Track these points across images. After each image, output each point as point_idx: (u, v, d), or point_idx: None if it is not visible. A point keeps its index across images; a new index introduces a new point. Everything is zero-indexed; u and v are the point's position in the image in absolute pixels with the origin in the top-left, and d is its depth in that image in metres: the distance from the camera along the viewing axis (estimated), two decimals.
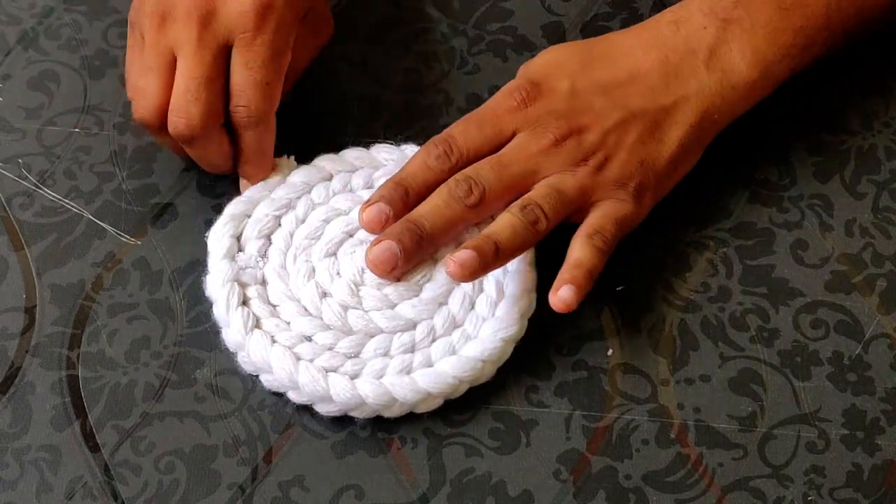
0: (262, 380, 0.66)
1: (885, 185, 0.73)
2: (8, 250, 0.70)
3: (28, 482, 0.63)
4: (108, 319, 0.68)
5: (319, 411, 0.65)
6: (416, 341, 0.66)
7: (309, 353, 0.65)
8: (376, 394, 0.64)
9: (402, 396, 0.64)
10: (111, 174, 0.73)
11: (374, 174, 0.71)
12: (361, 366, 0.65)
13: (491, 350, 0.65)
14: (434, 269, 0.67)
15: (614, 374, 0.67)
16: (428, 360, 0.65)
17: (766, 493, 0.63)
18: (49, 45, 0.78)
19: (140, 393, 0.66)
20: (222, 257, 0.68)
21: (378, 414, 0.65)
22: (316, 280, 0.67)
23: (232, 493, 0.63)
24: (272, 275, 0.68)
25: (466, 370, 0.65)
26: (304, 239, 0.68)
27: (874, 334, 0.68)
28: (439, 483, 0.64)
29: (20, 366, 0.67)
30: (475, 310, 0.67)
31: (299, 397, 0.65)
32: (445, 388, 0.64)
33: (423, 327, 0.66)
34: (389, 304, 0.66)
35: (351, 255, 0.68)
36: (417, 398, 0.64)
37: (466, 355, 0.65)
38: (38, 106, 0.76)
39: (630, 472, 0.64)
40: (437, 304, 0.67)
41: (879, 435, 0.65)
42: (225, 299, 0.66)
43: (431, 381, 0.64)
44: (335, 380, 0.64)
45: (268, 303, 0.67)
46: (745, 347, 0.68)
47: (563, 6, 0.81)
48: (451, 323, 0.66)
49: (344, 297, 0.66)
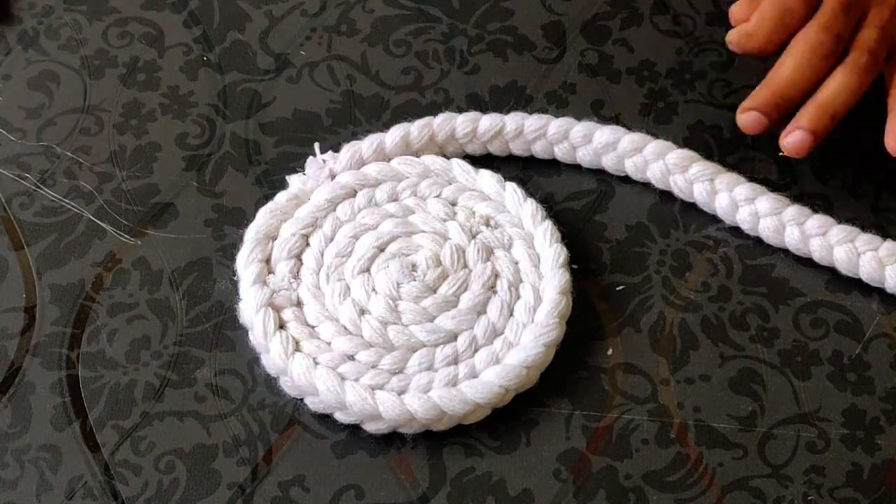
0: (308, 402, 0.65)
1: (884, 184, 0.73)
2: (8, 250, 0.70)
3: (28, 482, 0.63)
4: (108, 319, 0.68)
5: (367, 430, 0.64)
6: (458, 352, 0.65)
7: (353, 373, 0.64)
8: (425, 408, 0.63)
9: (450, 409, 0.63)
10: (111, 174, 0.73)
11: (397, 186, 0.71)
12: (407, 381, 0.64)
13: (534, 356, 0.64)
14: (469, 279, 0.67)
15: (614, 373, 0.67)
16: (472, 370, 0.65)
17: (765, 493, 0.63)
18: (49, 45, 0.78)
19: (140, 393, 0.66)
20: (253, 283, 0.67)
21: (427, 428, 0.64)
22: (352, 298, 0.67)
23: (232, 493, 0.63)
24: (307, 295, 0.67)
25: (512, 378, 0.64)
26: (334, 257, 0.68)
27: (874, 334, 0.68)
28: (439, 483, 0.64)
29: (20, 366, 0.67)
30: (514, 316, 0.66)
31: (347, 417, 0.64)
32: (493, 398, 0.64)
33: (464, 338, 0.66)
34: (429, 317, 0.66)
35: (385, 270, 0.67)
36: (466, 409, 0.64)
37: (510, 363, 0.64)
38: (38, 106, 0.76)
39: (630, 471, 0.64)
40: (475, 313, 0.66)
41: (879, 434, 0.65)
42: (262, 325, 0.65)
43: (478, 392, 0.63)
44: (383, 397, 0.63)
45: (305, 324, 0.66)
46: (745, 347, 0.68)
47: (564, 5, 0.81)
48: (492, 331, 0.66)
49: (382, 313, 0.66)
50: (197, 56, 0.78)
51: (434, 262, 0.67)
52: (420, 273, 0.67)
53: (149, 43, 0.78)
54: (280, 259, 0.68)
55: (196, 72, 0.77)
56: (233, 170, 0.73)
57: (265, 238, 0.68)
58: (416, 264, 0.68)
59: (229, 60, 0.77)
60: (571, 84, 0.77)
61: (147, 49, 0.78)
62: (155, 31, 0.79)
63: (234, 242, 0.70)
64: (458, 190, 0.70)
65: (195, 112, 0.76)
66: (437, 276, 0.67)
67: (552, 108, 0.76)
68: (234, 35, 0.79)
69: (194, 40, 0.78)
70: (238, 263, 0.68)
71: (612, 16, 0.80)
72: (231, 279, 0.69)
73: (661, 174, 0.71)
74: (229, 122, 0.75)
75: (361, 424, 0.64)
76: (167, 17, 0.79)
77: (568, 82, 0.77)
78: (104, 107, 0.76)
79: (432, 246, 0.68)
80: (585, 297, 0.68)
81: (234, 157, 0.74)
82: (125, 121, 0.75)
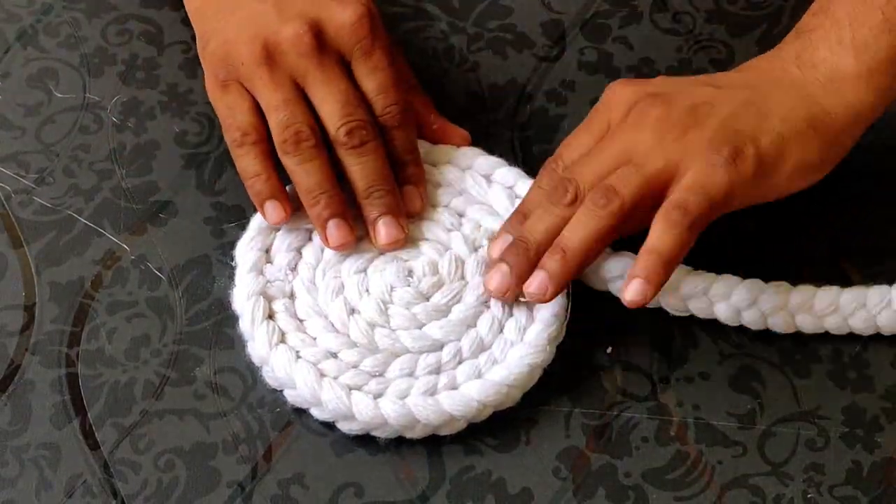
0: (286, 395, 0.65)
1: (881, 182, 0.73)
2: (7, 248, 0.70)
3: (28, 480, 0.63)
4: (107, 317, 0.68)
5: (341, 429, 0.64)
6: (442, 363, 0.65)
7: (333, 370, 0.64)
8: (398, 414, 0.63)
9: (424, 418, 0.63)
10: (110, 172, 0.73)
11: None
12: (385, 385, 0.64)
13: (517, 375, 0.64)
14: (464, 290, 0.67)
15: (614, 371, 0.67)
16: (453, 382, 0.65)
17: (765, 491, 0.63)
18: (48, 43, 0.78)
19: (140, 391, 0.66)
20: (249, 270, 0.67)
21: (400, 434, 0.64)
22: (345, 296, 0.67)
23: (231, 491, 0.63)
24: (301, 289, 0.67)
25: (490, 395, 0.64)
26: (334, 254, 0.68)
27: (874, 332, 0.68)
28: (439, 481, 0.64)
29: (20, 364, 0.67)
30: (503, 333, 0.66)
31: (322, 414, 0.64)
32: (468, 412, 0.64)
33: (449, 349, 0.65)
34: (417, 324, 0.66)
35: (381, 272, 0.67)
36: (440, 420, 0.64)
37: (492, 380, 0.64)
38: (37, 103, 0.76)
39: (630, 469, 0.64)
40: (465, 325, 0.66)
41: (879, 432, 0.65)
42: (250, 313, 0.65)
43: (455, 404, 0.63)
44: (358, 398, 0.63)
45: (295, 317, 0.66)
46: (745, 345, 0.68)
47: (563, 4, 0.81)
48: (479, 346, 0.66)
49: (372, 315, 0.66)
50: (196, 54, 0.78)
51: (431, 270, 0.67)
52: (416, 279, 0.67)
53: (148, 40, 0.78)
54: (280, 250, 0.68)
55: (195, 69, 0.77)
56: (232, 168, 0.73)
57: (269, 228, 0.69)
58: (413, 270, 0.67)
59: None
60: (571, 82, 0.77)
61: (146, 47, 0.78)
62: (154, 28, 0.79)
63: (234, 240, 0.69)
64: (468, 202, 0.70)
65: (194, 110, 0.76)
66: (432, 284, 0.67)
67: (552, 105, 0.76)
68: None
69: (193, 38, 0.78)
70: (238, 249, 0.68)
71: (612, 14, 0.80)
72: (230, 277, 0.68)
73: None
74: None
75: (335, 423, 0.64)
76: (166, 15, 0.79)
77: (567, 80, 0.77)
78: (103, 104, 0.76)
79: (432, 254, 0.68)
80: (585, 296, 0.68)
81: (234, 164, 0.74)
82: (124, 118, 0.75)
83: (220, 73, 0.68)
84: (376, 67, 0.68)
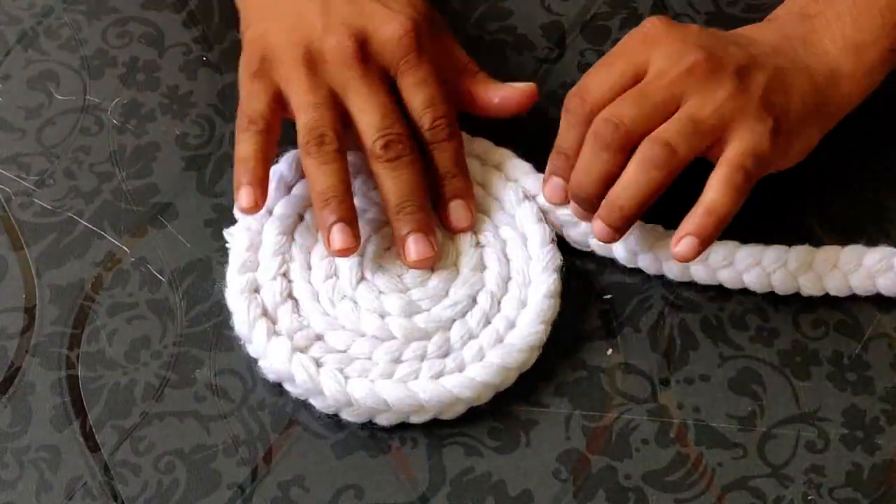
0: (286, 387, 0.65)
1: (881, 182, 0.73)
2: (7, 250, 0.70)
3: (28, 482, 0.63)
4: (107, 319, 0.68)
5: (343, 417, 0.64)
6: (427, 352, 0.65)
7: (326, 357, 0.64)
8: (398, 397, 0.63)
9: (426, 401, 0.63)
10: (111, 174, 0.73)
11: None
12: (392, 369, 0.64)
13: (526, 340, 0.65)
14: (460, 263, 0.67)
15: (614, 373, 0.67)
16: (442, 371, 0.65)
17: (765, 493, 0.63)
18: (49, 45, 0.78)
19: (140, 393, 0.66)
20: (238, 269, 0.67)
21: (402, 420, 0.64)
22: (339, 281, 0.67)
23: (232, 493, 0.63)
24: (297, 276, 0.67)
25: (493, 375, 0.64)
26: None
27: (874, 334, 0.68)
28: (439, 483, 0.64)
29: (20, 366, 0.67)
30: (492, 324, 0.66)
31: (323, 403, 0.64)
32: (473, 393, 0.64)
33: (437, 338, 0.65)
34: (410, 310, 0.66)
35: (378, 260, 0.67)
36: (441, 403, 0.64)
37: (491, 361, 0.65)
38: (37, 105, 0.76)
39: (630, 471, 0.64)
40: (449, 321, 0.66)
41: (879, 434, 0.65)
42: (245, 311, 0.65)
43: (458, 386, 0.64)
44: (355, 384, 0.63)
45: (295, 311, 0.66)
46: (745, 347, 0.68)
47: (563, 6, 0.81)
48: (468, 335, 0.66)
49: (367, 301, 0.66)
50: (196, 56, 0.78)
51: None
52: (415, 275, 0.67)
53: (148, 43, 0.78)
54: (270, 233, 0.68)
55: (196, 72, 0.77)
56: (232, 170, 0.73)
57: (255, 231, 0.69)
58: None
59: (229, 60, 0.77)
60: (571, 84, 0.77)
61: (146, 49, 0.78)
62: (154, 30, 0.79)
63: None
64: (498, 209, 0.70)
65: (195, 112, 0.76)
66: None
67: (552, 108, 0.76)
68: (233, 35, 0.79)
69: (194, 40, 0.78)
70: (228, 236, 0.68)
71: (612, 16, 0.80)
72: None
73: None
74: (229, 121, 0.75)
75: (339, 413, 0.64)
76: (167, 17, 0.79)
77: (568, 82, 0.77)
78: (103, 106, 0.76)
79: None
80: (585, 296, 0.68)
81: (233, 157, 0.74)
82: (125, 121, 0.75)
83: (254, 65, 0.68)
84: (424, 81, 0.67)
